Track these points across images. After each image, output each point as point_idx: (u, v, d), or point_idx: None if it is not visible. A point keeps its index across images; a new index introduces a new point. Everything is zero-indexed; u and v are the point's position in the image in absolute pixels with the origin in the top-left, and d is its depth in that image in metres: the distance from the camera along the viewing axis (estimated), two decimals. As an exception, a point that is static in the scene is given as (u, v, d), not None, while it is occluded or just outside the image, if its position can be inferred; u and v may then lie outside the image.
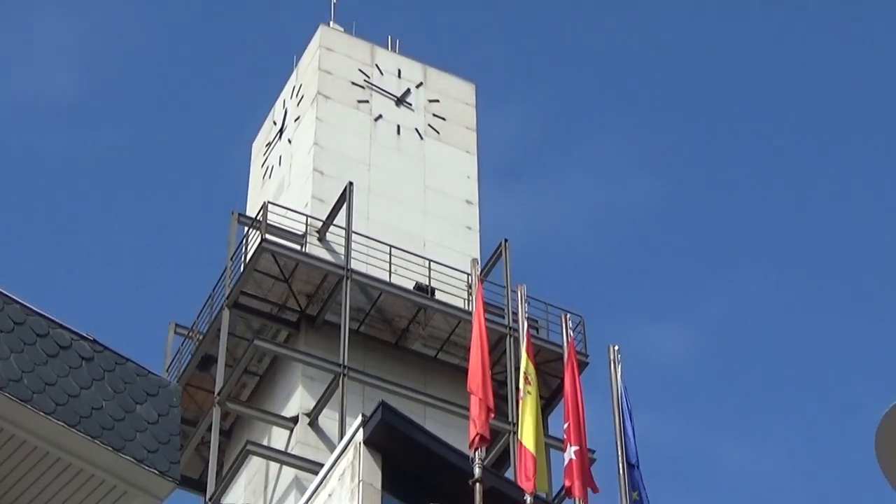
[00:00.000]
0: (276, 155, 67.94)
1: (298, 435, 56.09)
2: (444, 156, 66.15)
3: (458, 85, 69.13)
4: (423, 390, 54.50)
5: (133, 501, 23.81)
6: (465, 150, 66.71)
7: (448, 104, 67.73)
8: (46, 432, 22.83)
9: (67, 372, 23.64)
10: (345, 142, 64.40)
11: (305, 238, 60.25)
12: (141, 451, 23.43)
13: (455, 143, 66.96)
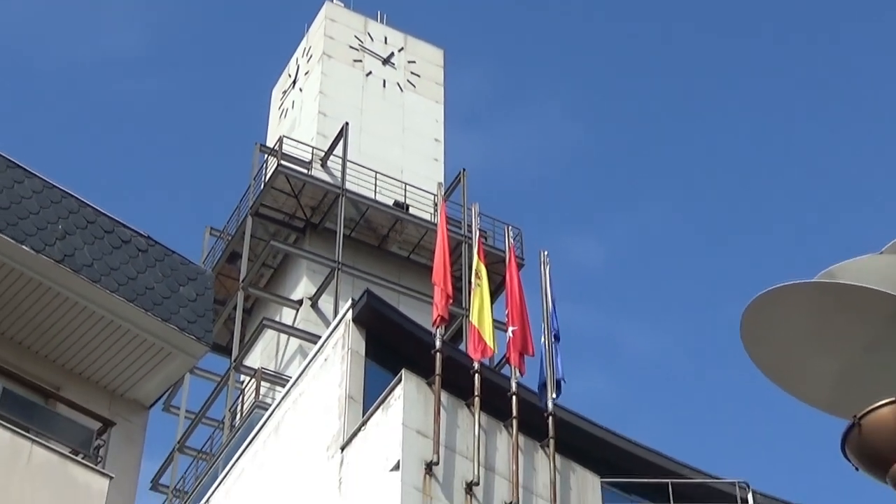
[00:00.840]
0: (290, 100, 68.62)
1: (302, 314, 56.31)
2: (418, 104, 66.87)
3: (431, 50, 69.87)
4: (398, 282, 54.75)
5: (176, 360, 24.06)
6: (435, 101, 67.59)
7: (422, 65, 68.49)
8: (112, 306, 23.02)
9: (127, 260, 23.83)
10: (342, 91, 64.96)
11: (311, 164, 60.61)
12: (182, 322, 23.68)
13: (427, 95, 67.71)
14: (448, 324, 30.55)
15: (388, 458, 27.11)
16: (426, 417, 27.65)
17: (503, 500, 28.24)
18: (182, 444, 56.35)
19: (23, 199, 23.00)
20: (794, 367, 7.36)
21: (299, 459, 30.70)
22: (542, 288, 32.34)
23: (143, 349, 23.75)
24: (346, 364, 30.19)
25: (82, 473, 21.36)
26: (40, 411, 22.30)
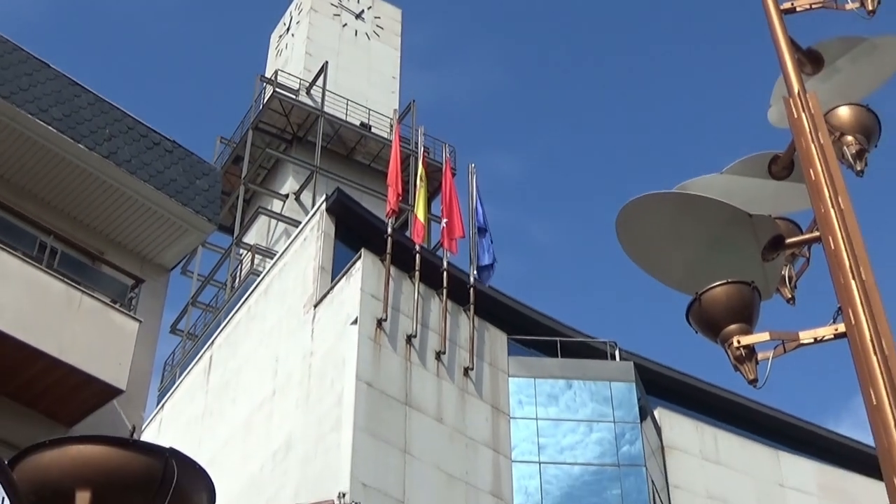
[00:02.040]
0: (284, 43, 68.48)
1: (288, 205, 56.23)
2: (381, 50, 66.93)
3: (391, 9, 69.88)
4: (361, 183, 54.63)
5: (191, 235, 23.99)
6: (393, 48, 67.73)
7: (385, 20, 68.51)
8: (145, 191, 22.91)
9: (157, 158, 23.73)
10: (324, 38, 64.80)
11: (298, 92, 60.36)
12: (197, 206, 23.57)
13: (388, 43, 67.71)
14: (398, 215, 30.53)
15: (349, 314, 27.23)
16: (378, 285, 27.75)
17: (434, 350, 28.37)
18: (194, 300, 56.46)
19: (80, 109, 22.98)
20: (655, 257, 7.42)
21: (282, 314, 30.77)
22: (470, 192, 32.38)
23: (167, 225, 23.73)
24: (320, 243, 30.25)
25: (119, 318, 21.37)
26: (88, 270, 22.30)
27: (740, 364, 6.63)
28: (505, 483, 28.11)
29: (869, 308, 6.54)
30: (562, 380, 30.12)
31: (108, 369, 20.25)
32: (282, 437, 28.04)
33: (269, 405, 29.42)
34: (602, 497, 28.57)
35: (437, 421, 27.36)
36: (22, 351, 18.92)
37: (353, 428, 25.26)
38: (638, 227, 7.31)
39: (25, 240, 20.99)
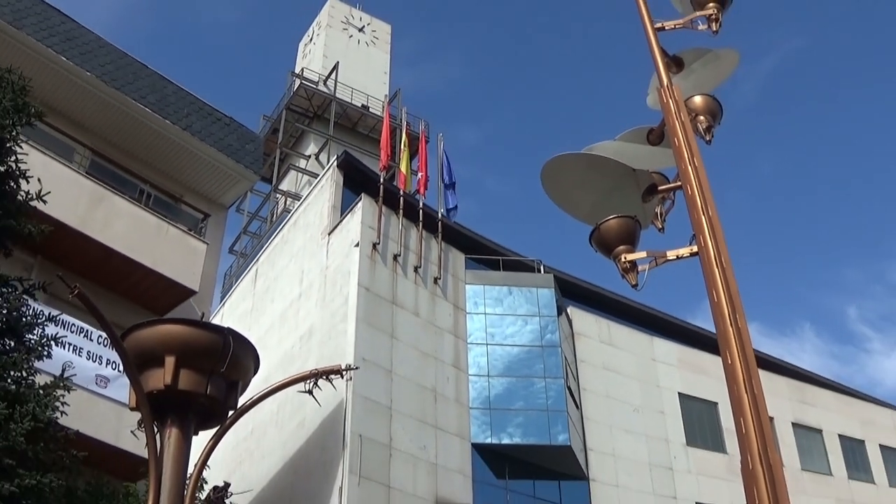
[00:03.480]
0: (308, 49, 68.06)
1: (310, 163, 56.06)
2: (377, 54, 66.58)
3: (384, 25, 69.19)
4: (360, 147, 54.44)
5: (242, 183, 24.18)
6: (385, 52, 67.20)
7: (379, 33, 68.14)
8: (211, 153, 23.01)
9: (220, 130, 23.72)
10: (336, 45, 64.43)
11: (318, 83, 60.00)
12: (247, 163, 23.68)
13: (381, 49, 67.33)
14: (388, 170, 30.37)
15: (353, 240, 27.22)
16: (374, 219, 27.75)
17: (413, 265, 28.45)
18: (245, 229, 56.44)
19: (167, 96, 23.14)
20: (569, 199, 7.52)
21: (306, 240, 30.75)
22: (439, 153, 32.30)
23: (226, 176, 23.81)
24: (332, 189, 30.20)
25: (193, 241, 21.48)
26: (172, 208, 22.41)
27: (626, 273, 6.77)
28: (462, 359, 28.35)
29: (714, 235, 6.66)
30: (504, 287, 30.30)
31: (185, 277, 20.51)
32: (306, 327, 28.15)
33: (297, 304, 29.51)
34: (531, 369, 28.82)
35: (414, 315, 27.51)
36: (129, 263, 19.30)
37: (356, 321, 25.40)
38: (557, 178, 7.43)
39: (130, 187, 21.22)
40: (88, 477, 12.68)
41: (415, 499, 24.39)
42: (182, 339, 5.55)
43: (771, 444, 7.34)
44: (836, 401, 39.98)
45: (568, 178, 7.45)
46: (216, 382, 5.59)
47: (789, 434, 35.88)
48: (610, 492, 29.28)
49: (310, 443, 25.37)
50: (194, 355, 5.52)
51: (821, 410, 38.33)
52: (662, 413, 32.73)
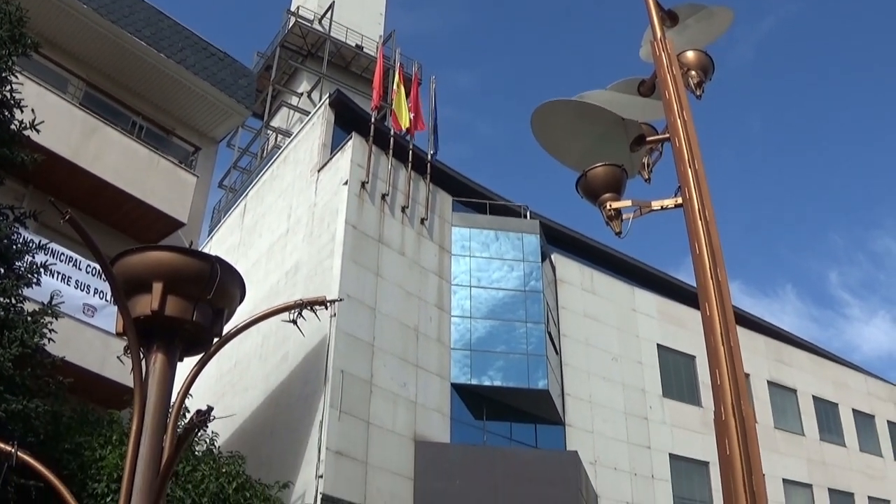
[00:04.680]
0: (304, -15, 67.27)
1: (302, 100, 55.74)
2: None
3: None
4: (353, 86, 54.16)
5: (233, 118, 24.13)
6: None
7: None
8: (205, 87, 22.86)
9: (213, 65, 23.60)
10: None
11: (313, 21, 59.50)
12: (239, 97, 23.58)
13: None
14: (379, 110, 30.23)
15: (342, 178, 27.15)
16: (363, 158, 27.67)
17: (400, 205, 28.42)
18: (235, 164, 56.30)
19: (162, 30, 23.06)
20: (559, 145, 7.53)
21: (295, 176, 30.67)
22: (430, 96, 32.13)
23: (218, 111, 23.76)
24: (323, 127, 30.07)
25: (183, 174, 21.46)
26: (164, 140, 22.36)
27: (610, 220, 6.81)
28: (445, 300, 28.44)
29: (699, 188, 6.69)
30: (490, 231, 30.31)
31: (175, 209, 20.55)
32: (292, 262, 28.18)
33: (284, 239, 29.50)
34: (514, 314, 28.94)
35: (400, 254, 27.54)
36: (119, 194, 19.32)
37: (342, 257, 25.42)
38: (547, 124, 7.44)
39: (123, 119, 21.17)
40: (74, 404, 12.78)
41: (393, 435, 24.61)
42: (170, 265, 5.59)
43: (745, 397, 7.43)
44: (813, 363, 40.37)
45: (558, 125, 7.46)
46: (202, 310, 5.64)
47: (764, 392, 36.24)
48: (585, 437, 29.58)
49: (292, 377, 25.51)
50: (182, 282, 5.56)
51: (797, 371, 38.69)
52: (640, 363, 33.00)
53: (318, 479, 22.36)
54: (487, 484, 24.81)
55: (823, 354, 42.71)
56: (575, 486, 25.53)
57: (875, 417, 41.07)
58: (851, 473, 38.06)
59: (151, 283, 5.55)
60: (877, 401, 41.73)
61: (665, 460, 31.70)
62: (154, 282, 5.55)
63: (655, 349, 33.74)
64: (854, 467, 38.41)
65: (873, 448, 40.04)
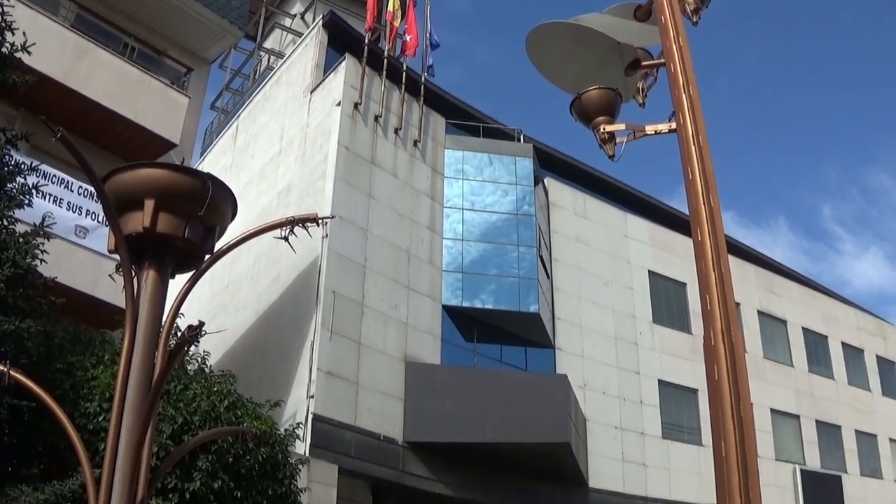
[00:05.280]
0: None
1: (296, 21, 55.03)
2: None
3: None
4: (347, 8, 53.39)
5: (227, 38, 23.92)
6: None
7: None
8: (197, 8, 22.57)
9: None
10: None
11: (307, -61, 58.73)
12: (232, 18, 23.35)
13: None
14: (373, 31, 29.87)
15: (335, 99, 26.97)
16: (357, 79, 27.46)
17: (393, 126, 28.29)
18: (227, 86, 55.71)
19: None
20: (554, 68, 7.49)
21: (288, 97, 30.48)
22: (425, 17, 31.76)
23: (210, 31, 23.59)
24: (317, 48, 29.79)
25: (175, 95, 21.36)
26: (156, 61, 22.23)
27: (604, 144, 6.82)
28: (438, 222, 28.44)
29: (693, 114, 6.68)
30: (483, 154, 30.20)
31: (167, 129, 20.49)
32: (284, 183, 28.12)
33: (277, 160, 29.40)
34: (506, 238, 28.97)
35: (392, 176, 27.48)
36: (111, 116, 19.27)
37: (334, 178, 25.35)
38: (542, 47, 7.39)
39: (115, 41, 21.05)
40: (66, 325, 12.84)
41: (384, 356, 24.80)
42: (162, 182, 5.60)
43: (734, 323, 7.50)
44: (803, 294, 40.60)
45: (553, 48, 7.42)
46: (194, 226, 5.66)
47: (754, 321, 36.51)
48: (574, 361, 29.84)
49: (284, 298, 25.62)
50: (174, 199, 5.58)
51: (787, 302, 38.94)
52: (631, 289, 33.17)
53: (308, 398, 22.58)
54: (477, 405, 25.07)
55: (814, 287, 42.94)
56: (564, 409, 25.81)
57: (864, 352, 41.45)
58: (839, 406, 38.52)
59: (143, 200, 5.56)
60: (866, 335, 42.08)
61: (654, 386, 32.04)
62: (146, 199, 5.56)
63: (646, 275, 33.89)
64: (842, 400, 38.86)
65: (861, 382, 40.48)
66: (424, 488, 24.64)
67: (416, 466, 24.49)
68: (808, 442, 36.45)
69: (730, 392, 6.87)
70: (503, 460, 25.84)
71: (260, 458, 11.78)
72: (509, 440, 25.02)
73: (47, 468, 10.80)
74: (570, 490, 28.12)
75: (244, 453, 11.51)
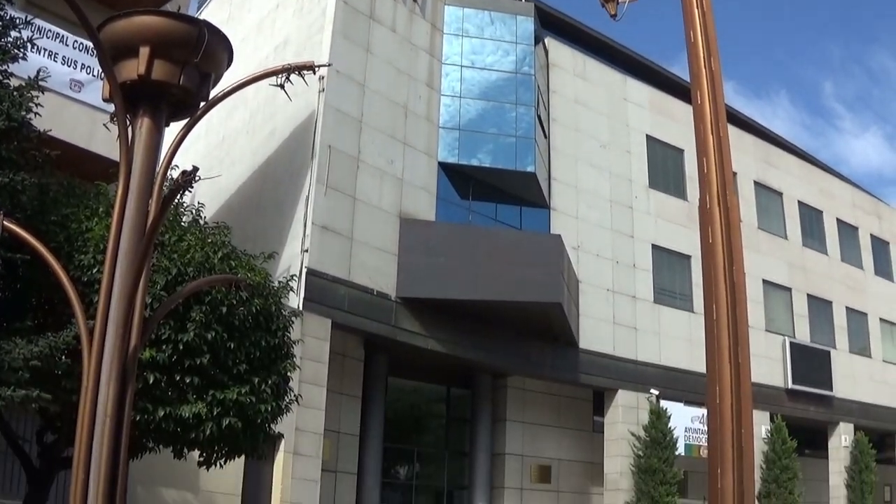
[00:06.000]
0: None
1: None
2: None
3: None
4: None
5: None
6: None
7: None
8: None
9: None
10: None
11: None
12: None
13: None
14: None
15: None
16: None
17: (394, -19, 27.77)
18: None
19: None
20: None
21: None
22: None
23: None
24: None
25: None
26: None
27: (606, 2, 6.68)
28: (436, 79, 28.08)
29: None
30: (483, 11, 29.64)
31: (167, -17, 19.87)
32: (282, 37, 27.71)
33: (274, 14, 28.93)
34: (505, 97, 28.70)
35: (391, 31, 27.00)
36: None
37: (332, 32, 24.93)
38: None
39: None
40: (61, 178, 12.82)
41: (379, 211, 24.87)
42: (157, 29, 5.54)
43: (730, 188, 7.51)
44: (801, 168, 40.49)
45: None
46: (189, 73, 5.61)
47: (750, 192, 36.47)
48: (569, 222, 29.96)
49: (279, 152, 25.54)
50: (169, 46, 5.52)
51: (784, 174, 38.86)
52: (629, 153, 33.07)
53: (303, 253, 22.74)
54: (471, 263, 25.26)
55: (812, 161, 42.80)
56: (557, 269, 26.03)
57: (858, 230, 41.57)
58: (831, 282, 38.84)
59: (138, 47, 5.51)
60: (861, 213, 42.14)
61: (647, 250, 32.24)
62: (141, 46, 5.51)
63: (644, 140, 33.74)
64: (834, 276, 39.16)
65: (854, 260, 40.71)
66: (416, 344, 25.03)
67: (409, 322, 24.82)
68: (798, 315, 36.88)
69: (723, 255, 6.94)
70: (495, 319, 26.18)
71: (254, 310, 11.90)
72: (502, 298, 25.30)
73: (42, 322, 10.92)
74: (561, 350, 28.59)
75: (238, 304, 11.62)
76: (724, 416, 5.92)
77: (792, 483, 32.20)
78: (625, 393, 30.06)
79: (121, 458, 5.38)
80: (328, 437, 23.21)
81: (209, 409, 11.20)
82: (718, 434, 5.94)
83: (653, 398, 30.14)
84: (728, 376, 6.05)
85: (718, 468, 5.90)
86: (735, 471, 5.84)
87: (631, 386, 30.21)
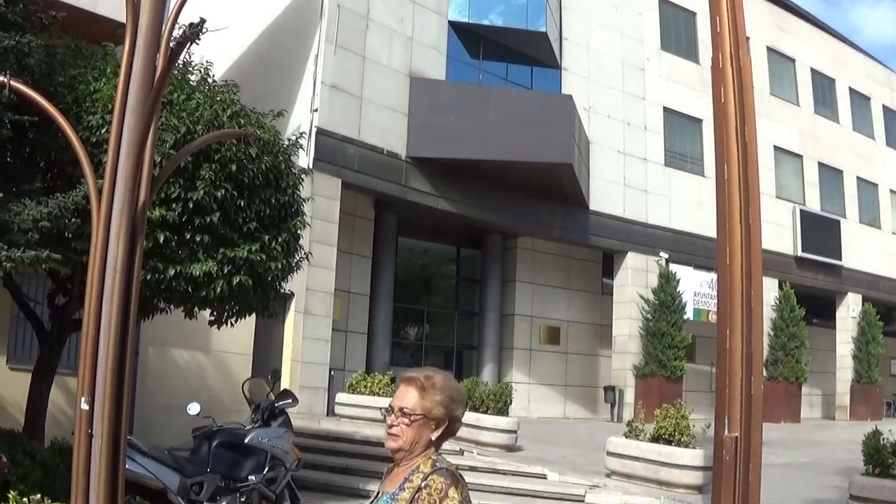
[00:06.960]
0: None
1: None
2: None
3: None
4: None
5: None
6: None
7: None
8: None
9: None
10: None
11: None
12: None
13: None
14: None
15: None
16: None
17: None
18: None
19: None
20: None
21: None
22: None
23: None
24: None
25: None
26: None
27: None
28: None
29: None
30: None
31: None
32: None
33: None
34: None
35: None
36: None
37: None
38: None
39: None
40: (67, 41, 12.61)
41: (389, 70, 24.60)
42: None
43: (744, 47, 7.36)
44: (814, 35, 39.69)
45: None
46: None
47: (763, 57, 35.81)
48: (580, 83, 29.60)
49: (287, 12, 25.14)
50: None
51: (797, 41, 38.12)
52: (640, 14, 32.40)
53: (312, 112, 22.60)
54: (481, 122, 25.09)
55: (826, 29, 41.92)
56: (567, 130, 25.84)
57: (871, 99, 41.00)
58: (842, 151, 38.50)
59: None
60: (874, 83, 41.49)
61: (659, 113, 31.92)
62: None
63: (656, 1, 33.05)
64: (846, 145, 38.79)
65: (866, 129, 40.27)
66: (427, 204, 25.05)
67: (419, 182, 24.80)
68: (809, 183, 36.72)
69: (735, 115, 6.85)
70: (505, 179, 26.11)
71: (263, 168, 11.83)
72: (512, 158, 25.19)
73: (50, 184, 10.88)
74: (571, 211, 28.60)
75: (247, 162, 11.56)
76: (734, 276, 5.92)
77: (799, 351, 32.57)
78: (634, 255, 30.19)
79: (130, 314, 5.41)
80: (338, 296, 23.45)
81: (220, 268, 11.23)
82: (728, 293, 5.94)
83: (662, 261, 30.26)
84: (738, 236, 6.02)
85: (727, 328, 5.93)
86: (743, 330, 5.87)
87: (641, 249, 30.32)
